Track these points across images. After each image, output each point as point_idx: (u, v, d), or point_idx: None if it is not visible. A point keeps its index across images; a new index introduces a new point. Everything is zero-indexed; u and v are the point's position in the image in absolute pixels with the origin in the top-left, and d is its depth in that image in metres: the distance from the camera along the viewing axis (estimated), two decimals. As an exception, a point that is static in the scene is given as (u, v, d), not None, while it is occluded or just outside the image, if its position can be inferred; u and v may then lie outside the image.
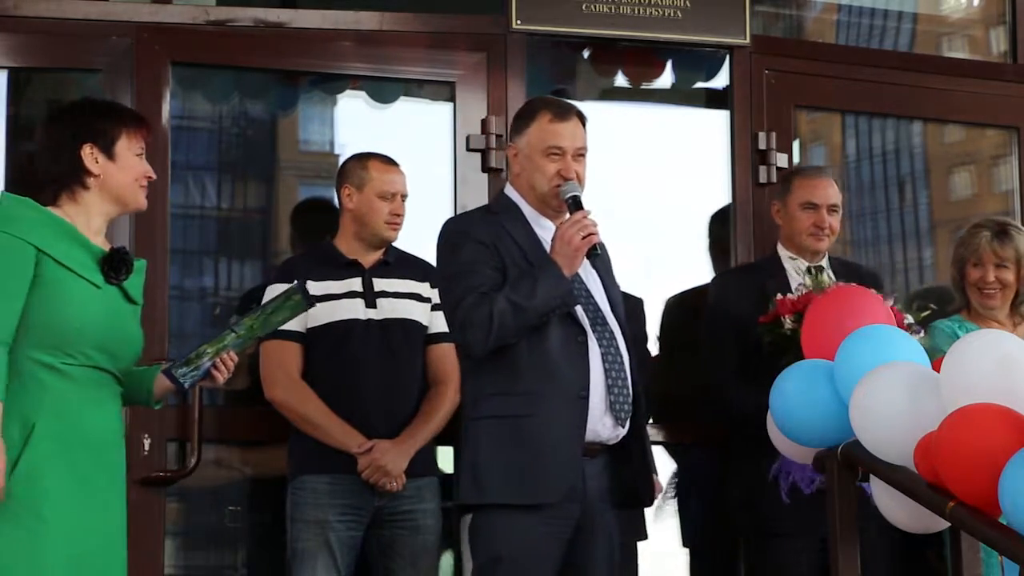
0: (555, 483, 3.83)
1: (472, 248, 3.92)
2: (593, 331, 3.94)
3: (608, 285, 4.09)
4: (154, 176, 3.73)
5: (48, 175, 3.60)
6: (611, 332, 3.98)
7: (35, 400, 3.45)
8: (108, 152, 3.60)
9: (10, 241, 3.45)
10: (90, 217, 3.60)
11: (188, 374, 3.67)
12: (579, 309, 3.93)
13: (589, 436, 3.88)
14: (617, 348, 3.97)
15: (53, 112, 3.77)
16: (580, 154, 4.03)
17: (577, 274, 3.96)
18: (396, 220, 4.60)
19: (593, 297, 4.01)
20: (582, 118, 4.08)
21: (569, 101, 4.37)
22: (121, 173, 3.61)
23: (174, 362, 3.69)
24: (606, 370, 3.92)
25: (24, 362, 3.45)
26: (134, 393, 3.73)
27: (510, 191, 4.09)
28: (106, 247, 3.61)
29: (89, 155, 3.58)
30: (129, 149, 3.63)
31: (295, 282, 3.86)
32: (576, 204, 3.94)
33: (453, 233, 4.01)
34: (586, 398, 3.87)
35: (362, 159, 4.66)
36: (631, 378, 3.97)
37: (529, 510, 3.81)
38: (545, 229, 4.00)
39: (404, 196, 4.63)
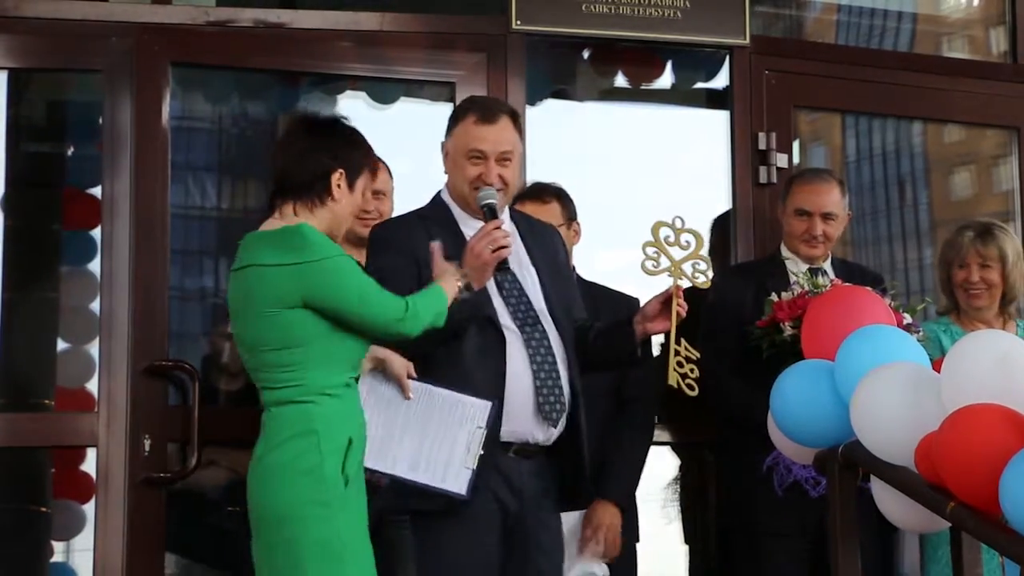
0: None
1: (390, 258, 3.90)
2: (522, 332, 3.89)
3: (549, 283, 4.01)
4: (369, 210, 4.01)
5: (292, 182, 3.67)
6: (542, 332, 3.92)
7: (351, 415, 3.60)
8: (351, 184, 3.71)
9: (352, 261, 3.61)
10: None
11: None
12: (505, 311, 3.89)
13: (516, 437, 3.86)
14: (548, 348, 3.90)
15: (308, 124, 3.80)
16: (505, 158, 3.95)
17: (512, 273, 3.92)
18: (366, 217, 4.50)
19: (527, 296, 3.95)
20: (514, 118, 4.01)
21: (501, 101, 4.30)
22: (350, 205, 3.73)
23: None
24: (534, 372, 3.87)
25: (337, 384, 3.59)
26: None
27: (444, 193, 4.07)
28: None
29: (336, 180, 3.67)
30: (366, 187, 3.78)
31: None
32: (491, 212, 3.87)
33: (375, 240, 4.02)
34: (500, 401, 3.82)
35: None
36: (567, 378, 3.92)
37: (447, 515, 3.80)
38: (474, 231, 3.89)
39: (383, 193, 4.57)
